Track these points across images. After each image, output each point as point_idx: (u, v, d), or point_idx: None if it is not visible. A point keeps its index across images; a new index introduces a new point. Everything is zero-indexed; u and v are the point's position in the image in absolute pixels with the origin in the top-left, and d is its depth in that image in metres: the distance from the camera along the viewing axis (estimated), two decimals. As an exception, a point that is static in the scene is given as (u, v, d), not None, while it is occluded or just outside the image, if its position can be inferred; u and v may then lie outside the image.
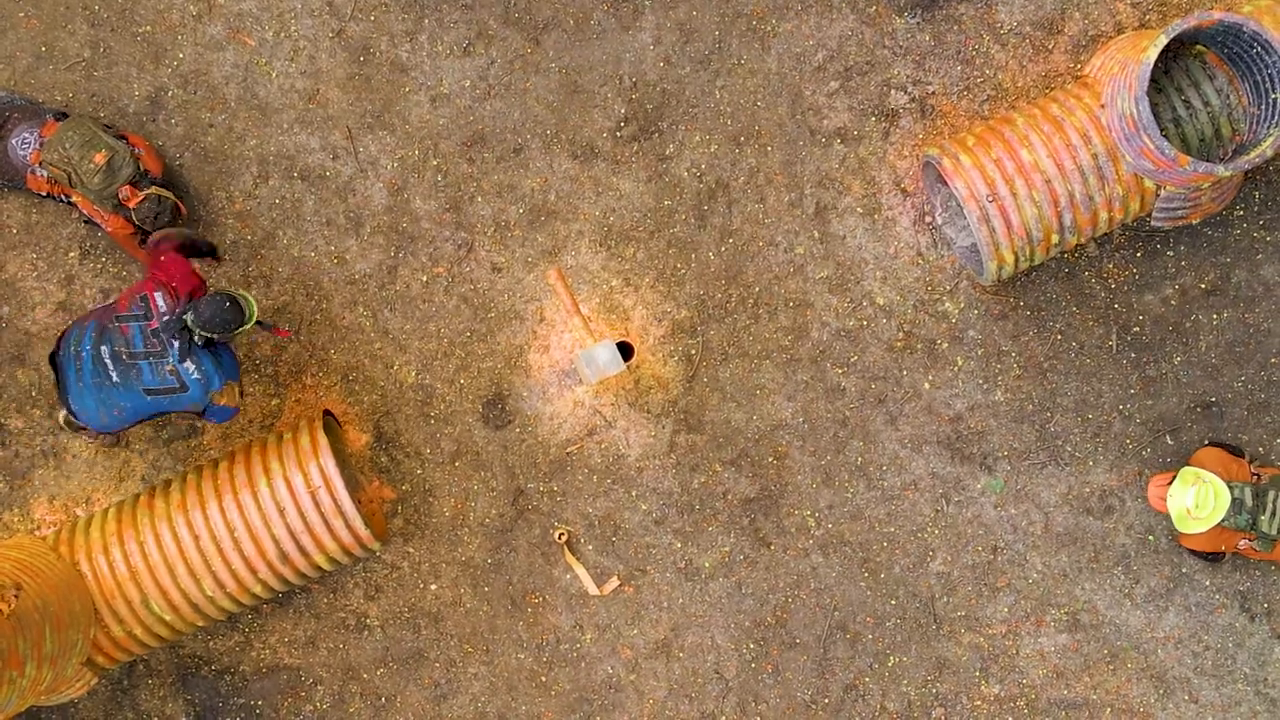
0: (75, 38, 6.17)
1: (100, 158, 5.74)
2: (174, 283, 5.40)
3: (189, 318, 5.28)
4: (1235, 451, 5.90)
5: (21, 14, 6.16)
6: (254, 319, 5.41)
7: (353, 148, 6.21)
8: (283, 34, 6.18)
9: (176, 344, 5.31)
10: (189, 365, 5.34)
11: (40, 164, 5.87)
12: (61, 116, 5.96)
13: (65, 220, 6.21)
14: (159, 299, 5.34)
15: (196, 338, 5.33)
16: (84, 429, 5.77)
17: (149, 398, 5.38)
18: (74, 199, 5.90)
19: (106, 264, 6.22)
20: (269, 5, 6.17)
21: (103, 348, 5.36)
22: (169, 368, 5.34)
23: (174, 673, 6.30)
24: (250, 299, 5.43)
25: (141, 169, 5.86)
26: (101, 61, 6.18)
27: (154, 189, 5.86)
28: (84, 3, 6.17)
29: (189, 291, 5.40)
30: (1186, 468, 5.65)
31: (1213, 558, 5.93)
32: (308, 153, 6.22)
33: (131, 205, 5.79)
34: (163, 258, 5.51)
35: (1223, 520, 5.50)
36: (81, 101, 6.16)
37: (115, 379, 5.36)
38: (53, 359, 5.57)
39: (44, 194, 5.95)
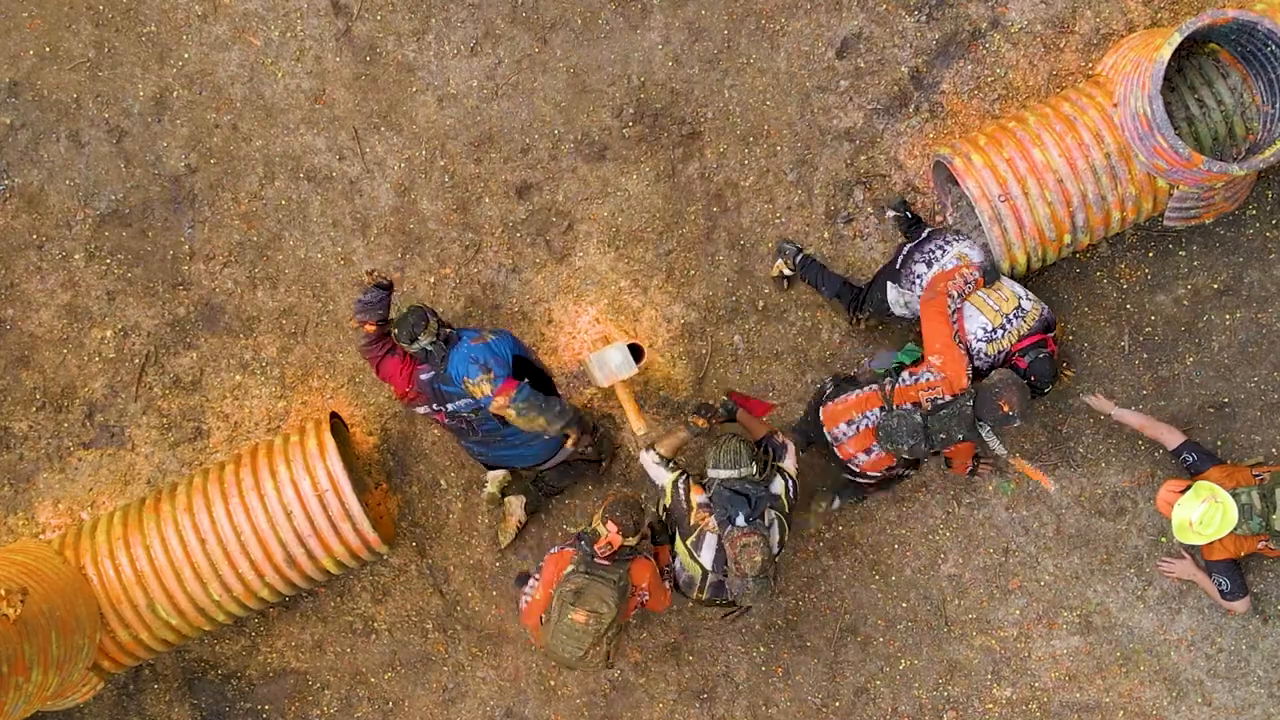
0: (80, 38, 6.13)
1: (581, 618, 5.01)
2: None
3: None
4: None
5: (25, 14, 6.12)
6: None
7: (359, 148, 6.17)
8: (289, 34, 6.14)
9: None
10: None
11: None
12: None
13: (68, 223, 6.17)
14: None
15: None
16: None
17: None
18: None
19: (111, 266, 6.18)
20: (275, 5, 6.13)
21: None
22: None
23: (180, 677, 6.27)
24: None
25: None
26: (106, 61, 6.14)
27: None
28: (88, 2, 6.13)
29: None
30: (1202, 482, 5.54)
31: (1237, 583, 5.77)
32: (314, 153, 6.18)
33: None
34: None
35: (1236, 528, 5.44)
36: (86, 102, 6.12)
37: None
38: None
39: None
